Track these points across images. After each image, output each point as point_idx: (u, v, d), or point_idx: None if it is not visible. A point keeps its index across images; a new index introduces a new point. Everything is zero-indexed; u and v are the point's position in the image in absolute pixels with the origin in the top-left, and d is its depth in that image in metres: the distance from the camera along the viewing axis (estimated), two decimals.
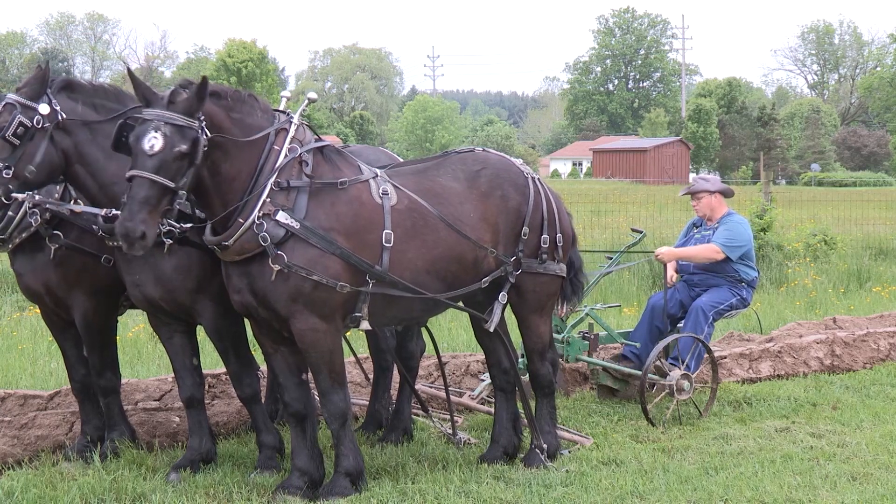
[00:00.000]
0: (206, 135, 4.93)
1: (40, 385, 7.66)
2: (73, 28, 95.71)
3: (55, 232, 5.62)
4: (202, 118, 4.93)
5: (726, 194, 7.99)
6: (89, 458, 5.85)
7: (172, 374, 6.96)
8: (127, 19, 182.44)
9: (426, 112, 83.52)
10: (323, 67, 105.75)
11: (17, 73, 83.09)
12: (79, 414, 6.23)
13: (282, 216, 5.10)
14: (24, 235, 5.63)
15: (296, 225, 5.12)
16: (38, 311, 10.74)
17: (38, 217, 5.56)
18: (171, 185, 4.83)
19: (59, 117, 5.25)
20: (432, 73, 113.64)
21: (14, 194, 5.25)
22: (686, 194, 8.10)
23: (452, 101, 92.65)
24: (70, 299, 5.79)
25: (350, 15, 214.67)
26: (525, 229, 5.94)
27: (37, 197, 5.51)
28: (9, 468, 5.89)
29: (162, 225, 5.16)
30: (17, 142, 5.12)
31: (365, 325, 5.48)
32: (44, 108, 5.19)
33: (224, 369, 7.19)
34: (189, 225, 5.44)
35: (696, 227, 8.07)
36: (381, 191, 5.46)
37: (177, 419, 6.62)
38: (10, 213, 5.58)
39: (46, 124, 5.20)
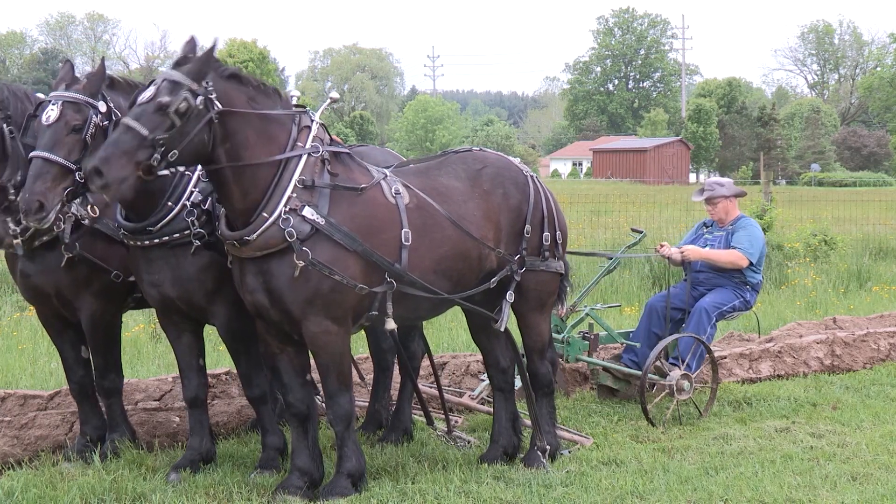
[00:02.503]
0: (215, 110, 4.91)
1: (40, 385, 7.65)
2: (73, 28, 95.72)
3: (73, 241, 5.60)
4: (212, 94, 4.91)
5: (740, 197, 8.03)
6: (89, 458, 5.85)
7: (172, 375, 6.99)
8: (127, 19, 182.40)
9: (426, 112, 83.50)
10: (323, 67, 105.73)
11: (17, 73, 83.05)
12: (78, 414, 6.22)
13: (308, 212, 5.08)
14: (44, 239, 5.60)
15: (321, 221, 5.10)
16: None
17: (63, 223, 5.50)
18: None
19: (114, 116, 5.22)
20: (432, 73, 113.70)
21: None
22: (702, 200, 8.05)
23: (452, 102, 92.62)
24: (78, 301, 5.78)
25: (350, 15, 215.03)
26: (527, 227, 5.95)
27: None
28: (9, 468, 5.89)
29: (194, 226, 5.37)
30: (90, 142, 5.09)
31: (390, 323, 5.44)
32: (102, 107, 5.18)
33: (224, 369, 7.23)
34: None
35: (707, 228, 8.07)
36: (393, 190, 5.46)
37: (177, 419, 6.62)
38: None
39: (105, 122, 5.19)
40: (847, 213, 21.38)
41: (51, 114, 5.09)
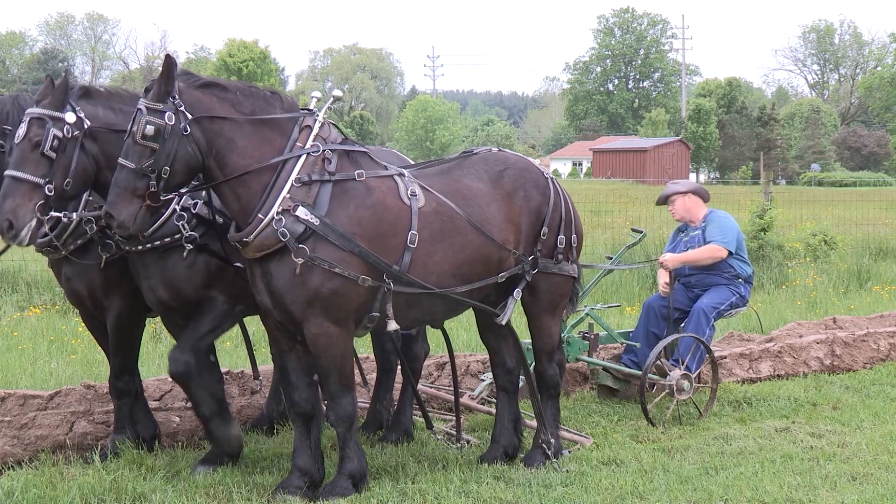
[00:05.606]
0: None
1: (40, 385, 7.66)
2: (72, 28, 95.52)
3: (107, 241, 5.64)
4: (179, 105, 4.95)
5: (700, 195, 7.97)
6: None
7: None
8: (127, 19, 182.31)
9: (426, 112, 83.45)
10: (323, 67, 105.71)
11: (17, 73, 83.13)
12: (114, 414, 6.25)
13: (301, 212, 5.08)
14: (78, 242, 5.64)
15: (315, 221, 5.09)
16: (38, 311, 10.79)
17: (94, 225, 5.56)
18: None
19: (85, 125, 5.25)
20: (432, 73, 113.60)
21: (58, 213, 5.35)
22: (661, 204, 8.09)
23: (452, 102, 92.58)
24: (107, 301, 5.84)
25: (350, 15, 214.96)
26: (544, 229, 5.95)
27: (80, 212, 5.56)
28: (9, 468, 5.90)
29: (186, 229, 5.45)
30: (53, 155, 5.13)
31: (392, 325, 5.44)
32: (70, 117, 5.19)
33: (223, 370, 7.22)
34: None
35: (682, 232, 8.07)
36: (409, 192, 5.45)
37: (177, 419, 6.63)
38: (63, 220, 5.59)
39: (76, 132, 5.21)
40: (847, 213, 21.39)
41: (19, 131, 5.19)
